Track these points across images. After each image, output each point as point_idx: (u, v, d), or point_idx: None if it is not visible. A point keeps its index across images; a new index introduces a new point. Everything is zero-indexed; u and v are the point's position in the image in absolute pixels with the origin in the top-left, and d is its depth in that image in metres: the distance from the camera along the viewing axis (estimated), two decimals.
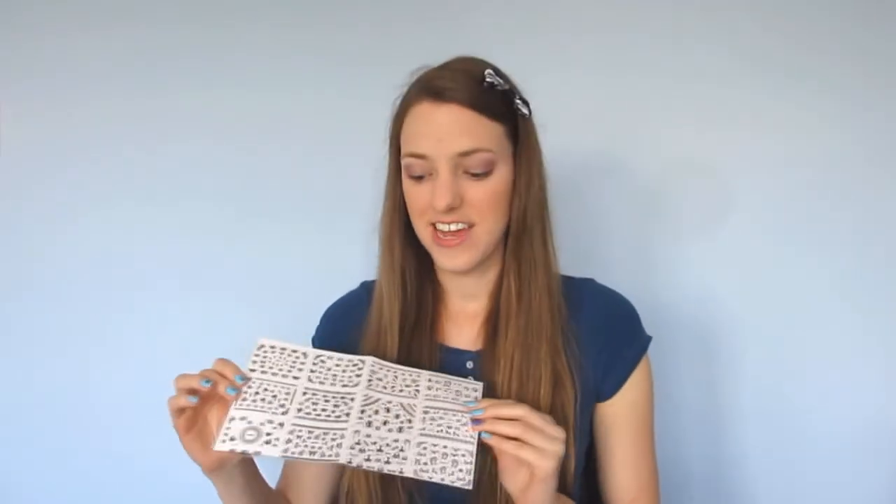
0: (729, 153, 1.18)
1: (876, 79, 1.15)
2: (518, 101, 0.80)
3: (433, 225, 0.80)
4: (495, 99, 0.78)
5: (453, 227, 0.78)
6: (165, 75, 1.23)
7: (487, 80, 0.78)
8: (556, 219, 0.85)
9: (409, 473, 0.68)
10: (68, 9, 1.22)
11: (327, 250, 1.22)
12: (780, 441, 1.20)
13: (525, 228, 0.82)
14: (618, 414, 0.86)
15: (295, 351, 0.79)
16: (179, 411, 0.73)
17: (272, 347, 0.78)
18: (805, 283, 1.18)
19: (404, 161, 0.80)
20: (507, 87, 0.80)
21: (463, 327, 0.88)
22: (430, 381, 0.78)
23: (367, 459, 0.68)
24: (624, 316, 0.88)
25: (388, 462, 0.68)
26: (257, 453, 0.69)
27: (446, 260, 0.80)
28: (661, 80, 1.18)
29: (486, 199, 0.78)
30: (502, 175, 0.79)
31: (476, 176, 0.77)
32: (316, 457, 0.68)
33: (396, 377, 0.78)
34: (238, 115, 1.23)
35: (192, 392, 0.72)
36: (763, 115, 1.17)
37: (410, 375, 0.78)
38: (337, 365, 0.78)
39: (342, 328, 0.91)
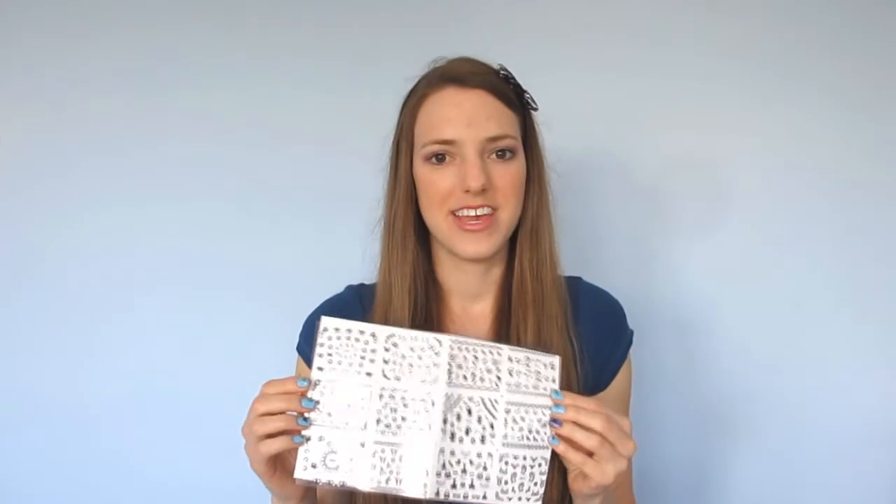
0: (728, 154, 1.19)
1: (875, 81, 1.16)
2: (528, 96, 0.84)
3: (453, 213, 0.79)
4: (510, 90, 0.82)
5: (479, 213, 0.78)
6: (165, 75, 1.23)
7: (502, 73, 0.82)
8: (555, 217, 0.86)
9: (490, 499, 0.67)
10: (68, 9, 1.22)
11: (328, 250, 1.22)
12: (780, 441, 1.20)
13: (539, 222, 0.83)
14: (605, 405, 0.87)
15: (363, 332, 0.70)
16: (269, 459, 0.67)
17: (336, 330, 0.69)
18: (803, 284, 1.18)
19: (426, 149, 0.79)
20: (517, 82, 0.83)
21: (466, 329, 0.87)
22: (510, 359, 0.72)
23: (454, 486, 0.67)
24: (615, 313, 0.91)
25: (472, 486, 0.67)
26: (342, 483, 0.65)
27: (469, 245, 0.79)
28: (661, 80, 1.19)
29: (510, 182, 0.79)
30: (521, 162, 0.82)
31: (501, 157, 0.79)
32: (402, 487, 0.66)
33: (477, 359, 0.71)
34: (237, 116, 1.23)
35: (284, 433, 0.65)
36: (763, 117, 1.18)
37: (491, 354, 0.72)
38: (412, 349, 0.70)
39: None
